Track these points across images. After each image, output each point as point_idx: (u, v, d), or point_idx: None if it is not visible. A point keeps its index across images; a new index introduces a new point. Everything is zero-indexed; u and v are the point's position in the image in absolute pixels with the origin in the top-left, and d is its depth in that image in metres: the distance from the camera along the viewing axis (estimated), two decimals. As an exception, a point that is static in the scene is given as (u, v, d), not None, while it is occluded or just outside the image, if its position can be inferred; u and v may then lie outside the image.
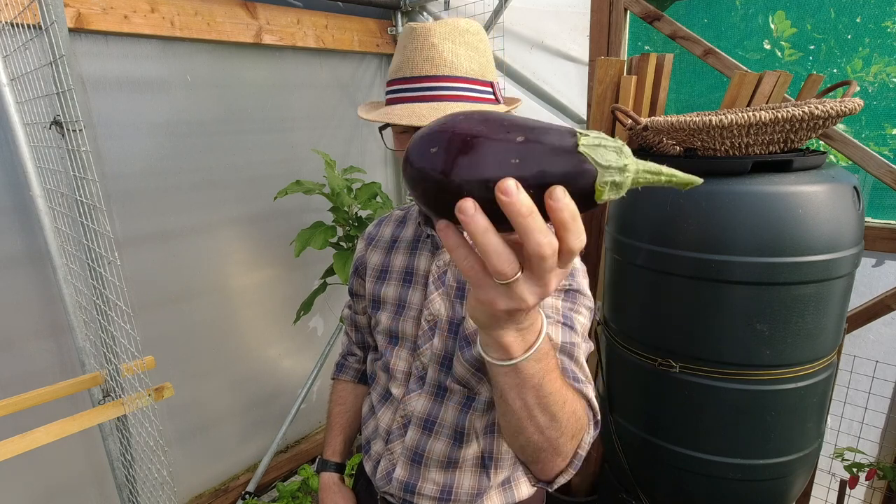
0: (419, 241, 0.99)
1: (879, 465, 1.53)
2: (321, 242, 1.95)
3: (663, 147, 1.28)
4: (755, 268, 1.05)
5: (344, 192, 1.99)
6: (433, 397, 0.93)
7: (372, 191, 2.09)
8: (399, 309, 0.97)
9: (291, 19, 2.18)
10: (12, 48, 1.34)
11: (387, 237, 1.06)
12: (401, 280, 0.98)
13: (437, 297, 0.92)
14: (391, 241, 1.04)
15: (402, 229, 1.04)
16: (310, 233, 1.99)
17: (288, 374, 2.55)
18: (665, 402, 1.26)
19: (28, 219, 1.64)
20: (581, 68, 2.04)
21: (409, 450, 0.95)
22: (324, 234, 1.98)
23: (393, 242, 1.04)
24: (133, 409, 1.27)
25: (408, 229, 1.03)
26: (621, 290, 1.34)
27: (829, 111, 1.01)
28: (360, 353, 1.25)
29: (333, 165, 2.05)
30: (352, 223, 2.07)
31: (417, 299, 0.95)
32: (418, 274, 0.96)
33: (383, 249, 1.04)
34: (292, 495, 2.14)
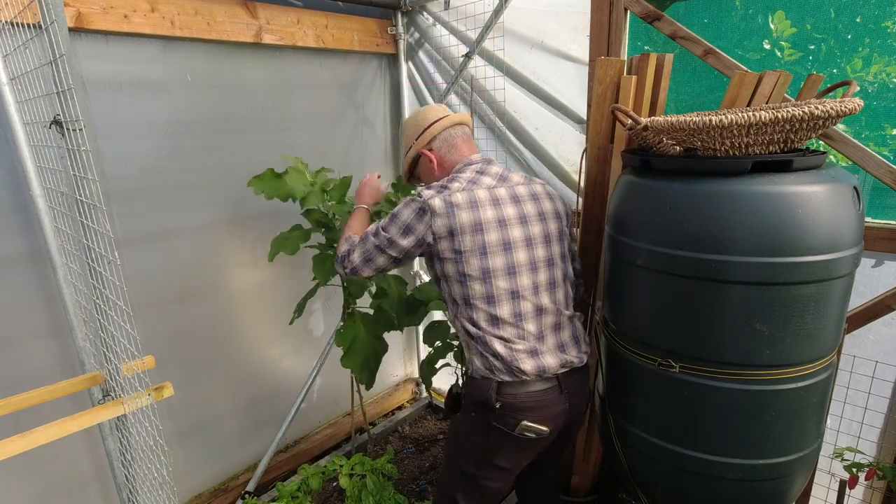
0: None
1: (879, 465, 1.53)
2: (292, 248, 1.94)
3: (663, 147, 1.28)
4: (755, 268, 1.05)
5: (314, 192, 1.94)
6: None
7: (345, 186, 2.04)
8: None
9: (291, 19, 2.18)
10: (12, 48, 1.34)
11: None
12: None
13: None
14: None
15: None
16: (283, 238, 1.97)
17: (288, 374, 2.56)
18: (665, 402, 1.26)
19: (28, 218, 1.64)
20: (581, 68, 2.04)
21: None
22: (296, 239, 1.96)
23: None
24: (133, 408, 1.27)
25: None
26: (621, 290, 1.34)
27: (829, 111, 1.01)
28: None
29: (303, 170, 2.01)
30: (328, 224, 2.03)
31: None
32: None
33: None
34: (292, 495, 2.14)
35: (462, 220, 1.29)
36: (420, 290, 2.17)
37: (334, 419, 2.85)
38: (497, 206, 1.34)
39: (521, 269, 1.33)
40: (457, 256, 1.31)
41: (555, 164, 2.20)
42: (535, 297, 1.34)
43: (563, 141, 2.18)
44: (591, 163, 1.67)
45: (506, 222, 1.33)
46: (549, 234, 1.39)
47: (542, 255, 1.37)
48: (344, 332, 2.06)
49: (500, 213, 1.33)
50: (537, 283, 1.35)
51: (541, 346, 1.34)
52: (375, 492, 2.01)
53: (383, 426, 2.82)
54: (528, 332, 1.33)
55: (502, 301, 1.31)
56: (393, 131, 2.81)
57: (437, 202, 1.29)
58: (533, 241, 1.36)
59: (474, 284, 1.31)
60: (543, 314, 1.35)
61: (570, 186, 2.17)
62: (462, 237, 1.29)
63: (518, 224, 1.35)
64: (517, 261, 1.33)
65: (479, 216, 1.30)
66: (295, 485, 2.17)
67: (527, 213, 1.37)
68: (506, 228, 1.33)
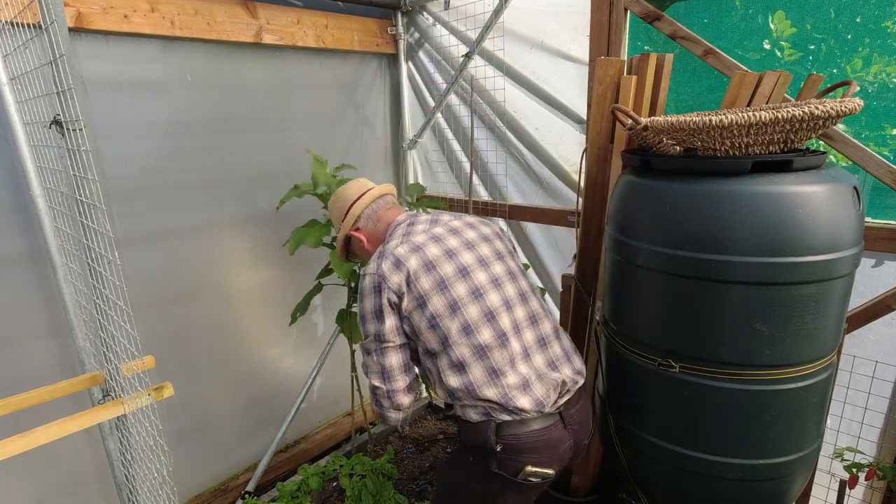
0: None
1: (879, 465, 1.53)
2: (315, 240, 1.95)
3: (663, 147, 1.28)
4: (755, 268, 1.05)
5: (333, 185, 1.98)
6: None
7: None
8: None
9: (291, 19, 2.18)
10: (12, 47, 1.34)
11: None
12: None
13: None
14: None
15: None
16: (304, 231, 1.99)
17: (288, 374, 2.56)
18: (665, 402, 1.26)
19: (28, 218, 1.64)
20: (581, 68, 2.04)
21: None
22: (318, 231, 1.98)
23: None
24: (133, 408, 1.27)
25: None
26: (621, 291, 1.34)
27: (829, 111, 1.01)
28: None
29: (324, 164, 2.04)
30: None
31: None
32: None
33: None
34: (292, 495, 2.14)
35: (412, 265, 1.26)
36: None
37: (334, 419, 2.85)
38: (438, 241, 1.32)
39: (484, 288, 1.30)
40: (419, 299, 1.25)
41: (555, 164, 2.20)
42: (510, 313, 1.30)
43: (563, 141, 2.18)
44: (591, 163, 1.67)
45: (452, 252, 1.31)
46: (499, 253, 1.38)
47: (500, 271, 1.35)
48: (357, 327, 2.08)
49: (443, 247, 1.31)
50: (506, 300, 1.31)
51: (532, 376, 1.26)
52: (375, 492, 2.01)
53: (383, 426, 2.82)
54: (513, 360, 1.25)
55: (480, 329, 1.25)
56: (393, 131, 2.81)
57: (384, 267, 1.26)
58: (486, 261, 1.34)
59: (445, 320, 1.25)
60: (520, 330, 1.30)
61: (570, 186, 2.17)
62: (418, 281, 1.25)
63: (466, 250, 1.33)
64: (479, 282, 1.30)
65: (426, 255, 1.28)
66: (295, 485, 2.17)
67: (469, 240, 1.36)
68: (454, 258, 1.30)
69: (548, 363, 1.31)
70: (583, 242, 1.77)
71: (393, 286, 1.25)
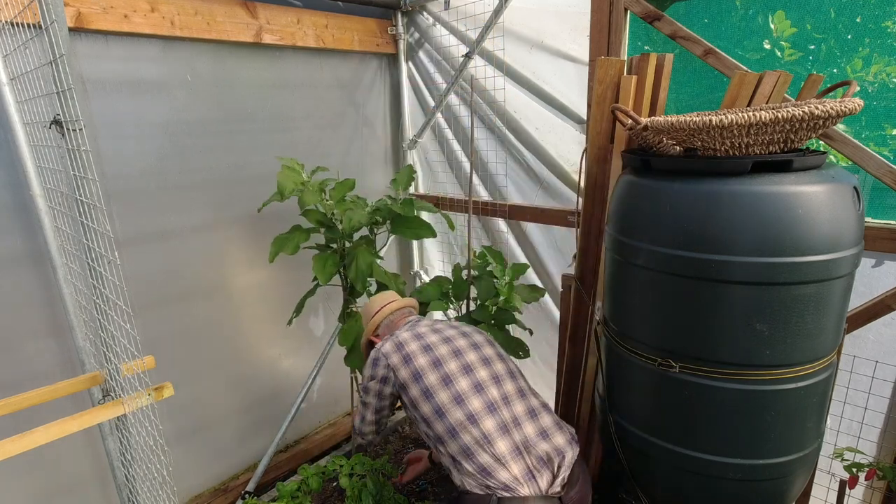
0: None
1: (879, 465, 1.53)
2: (292, 248, 1.95)
3: (663, 147, 1.28)
4: (755, 268, 1.05)
5: (308, 191, 1.93)
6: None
7: (347, 187, 2.05)
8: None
9: (291, 19, 2.18)
10: (12, 47, 1.34)
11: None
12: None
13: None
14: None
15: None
16: (285, 237, 1.98)
17: (288, 374, 2.56)
18: (665, 402, 1.26)
19: (28, 218, 1.64)
20: (581, 68, 2.04)
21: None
22: (296, 238, 1.97)
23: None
24: (133, 408, 1.27)
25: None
26: (621, 290, 1.34)
27: (829, 111, 1.01)
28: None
29: (298, 170, 1.99)
30: (328, 224, 2.04)
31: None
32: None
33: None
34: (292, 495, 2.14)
35: (412, 348, 1.48)
36: (421, 291, 2.17)
37: (334, 419, 2.85)
38: (438, 333, 1.53)
39: (483, 382, 1.44)
40: (415, 375, 1.43)
41: (555, 164, 2.20)
42: (508, 406, 1.42)
43: (563, 141, 2.18)
44: (591, 163, 1.67)
45: (450, 339, 1.51)
46: (486, 358, 1.51)
47: (501, 370, 1.49)
48: (346, 331, 2.06)
49: (442, 336, 1.52)
50: (506, 395, 1.44)
51: (526, 454, 1.35)
52: (375, 491, 2.01)
53: (383, 426, 2.82)
54: (513, 444, 1.35)
55: (481, 416, 1.37)
56: (393, 131, 2.81)
57: (386, 346, 1.51)
58: (472, 367, 1.47)
59: (439, 392, 1.41)
60: (518, 422, 1.39)
61: (570, 186, 2.17)
62: (416, 360, 1.45)
63: (464, 345, 1.51)
64: (474, 369, 1.46)
65: (426, 341, 1.49)
66: (295, 485, 2.17)
67: (460, 347, 1.51)
68: (451, 343, 1.50)
69: (539, 433, 1.40)
70: (583, 242, 1.77)
71: (392, 362, 1.47)
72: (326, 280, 1.95)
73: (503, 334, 2.07)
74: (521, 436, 1.37)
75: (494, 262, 2.12)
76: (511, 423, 1.39)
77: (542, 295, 2.13)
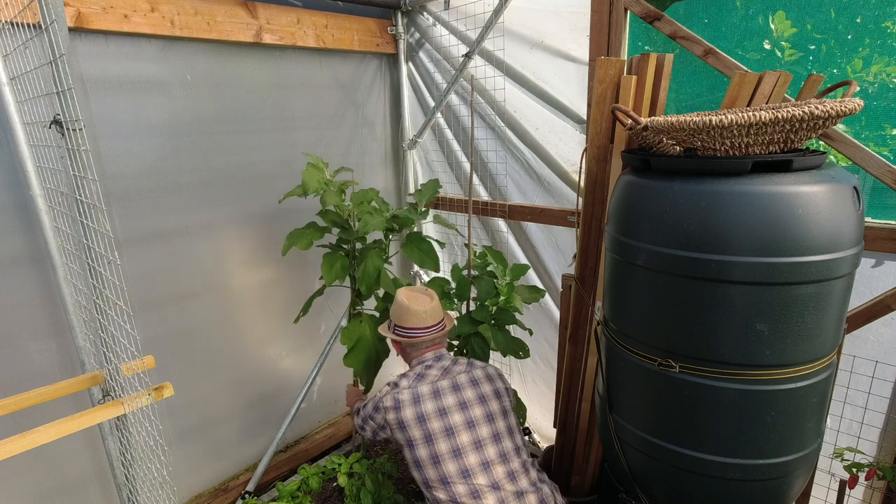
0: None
1: (879, 465, 1.53)
2: (305, 243, 1.95)
3: (663, 147, 1.28)
4: (755, 268, 1.05)
5: (330, 191, 1.94)
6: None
7: (367, 197, 2.07)
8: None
9: (291, 19, 2.18)
10: (12, 47, 1.34)
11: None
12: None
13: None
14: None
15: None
16: (299, 233, 1.98)
17: (288, 374, 2.56)
18: (665, 402, 1.26)
19: (28, 218, 1.64)
20: (581, 68, 2.04)
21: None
22: (310, 235, 1.98)
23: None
24: (133, 408, 1.27)
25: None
26: (621, 290, 1.34)
27: (829, 111, 1.01)
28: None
29: (322, 169, 2.01)
30: (343, 225, 2.04)
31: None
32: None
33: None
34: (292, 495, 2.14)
35: (406, 414, 1.54)
36: (420, 290, 2.16)
37: (334, 419, 2.85)
38: (437, 397, 1.58)
39: (465, 450, 1.52)
40: (410, 444, 1.54)
41: (555, 164, 2.20)
42: (486, 473, 1.50)
43: (563, 141, 2.18)
44: (591, 163, 1.67)
45: (446, 411, 1.56)
46: (490, 414, 1.59)
47: (487, 434, 1.56)
48: (349, 331, 2.06)
49: (440, 404, 1.57)
50: (486, 461, 1.52)
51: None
52: (374, 490, 2.01)
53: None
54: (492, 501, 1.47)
55: (455, 482, 1.48)
56: (393, 131, 2.81)
57: (387, 400, 1.57)
58: (475, 422, 1.57)
59: (428, 470, 1.51)
60: (500, 489, 1.49)
61: (570, 186, 2.17)
62: (409, 429, 1.53)
63: (458, 410, 1.57)
64: (461, 443, 1.52)
65: (420, 410, 1.55)
66: (295, 484, 2.17)
67: (466, 399, 1.59)
68: (446, 416, 1.55)
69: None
70: (583, 242, 1.77)
71: (389, 419, 1.56)
72: (332, 280, 1.95)
73: (503, 334, 2.07)
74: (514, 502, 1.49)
75: (495, 263, 2.12)
76: (503, 479, 1.51)
77: (542, 296, 2.13)
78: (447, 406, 1.57)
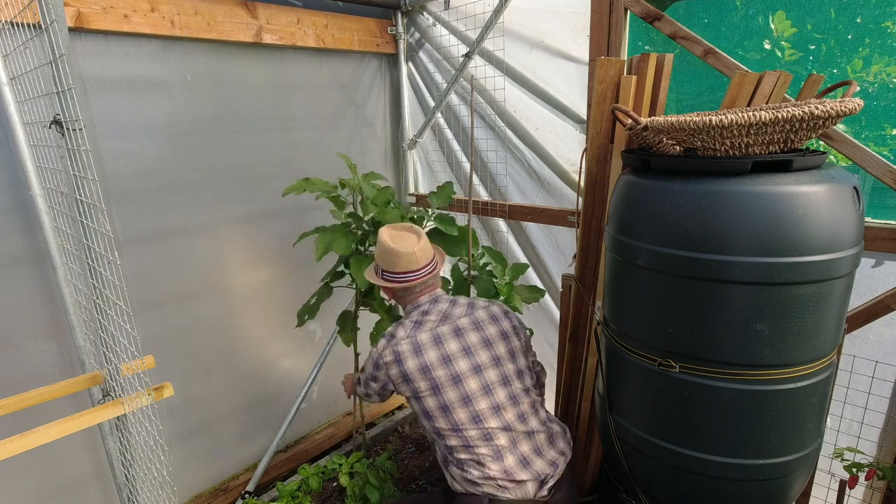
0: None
1: (879, 465, 1.53)
2: (345, 247, 1.90)
3: (663, 147, 1.28)
4: (755, 268, 1.05)
5: (370, 198, 1.99)
6: None
7: (386, 197, 2.08)
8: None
9: (291, 19, 2.18)
10: (12, 47, 1.34)
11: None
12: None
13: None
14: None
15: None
16: (329, 236, 1.91)
17: (288, 374, 2.56)
18: (665, 402, 1.26)
19: (28, 218, 1.64)
20: (581, 68, 2.04)
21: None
22: (346, 238, 1.93)
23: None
24: (133, 408, 1.27)
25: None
26: (621, 290, 1.34)
27: (829, 111, 1.01)
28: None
29: (355, 169, 2.03)
30: (367, 228, 2.06)
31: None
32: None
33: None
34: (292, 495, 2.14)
35: (409, 366, 1.48)
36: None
37: (334, 419, 2.85)
38: (439, 344, 1.51)
39: (475, 396, 1.48)
40: (417, 397, 1.49)
41: (555, 164, 2.20)
42: (497, 416, 1.48)
43: (563, 141, 2.18)
44: (591, 163, 1.67)
45: (450, 358, 1.50)
46: (497, 357, 1.54)
47: (495, 377, 1.52)
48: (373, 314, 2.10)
49: (442, 351, 1.50)
50: (497, 405, 1.49)
51: (515, 463, 1.46)
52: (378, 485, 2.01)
53: (383, 426, 2.82)
54: (498, 452, 1.45)
55: (467, 428, 1.45)
56: (393, 131, 2.81)
57: (387, 355, 1.51)
58: (482, 367, 1.51)
59: (439, 420, 1.47)
60: (511, 430, 1.48)
61: (570, 186, 2.17)
62: (415, 381, 1.48)
63: (462, 356, 1.51)
64: (469, 390, 1.48)
65: (424, 360, 1.48)
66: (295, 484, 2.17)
67: (471, 344, 1.53)
68: (451, 364, 1.49)
69: (534, 449, 1.52)
70: (583, 242, 1.77)
71: (392, 375, 1.51)
72: (365, 283, 1.89)
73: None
74: (510, 463, 1.46)
75: (494, 262, 2.12)
76: (510, 455, 1.47)
77: (542, 295, 2.13)
78: (451, 353, 1.50)
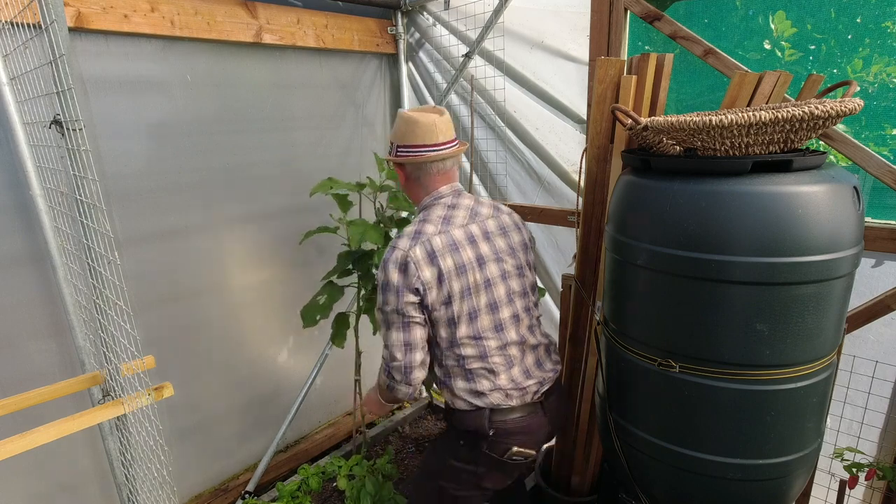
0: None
1: (879, 465, 1.53)
2: (377, 237, 1.95)
3: (663, 147, 1.28)
4: (755, 268, 1.05)
5: (401, 194, 2.03)
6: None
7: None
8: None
9: (291, 19, 2.18)
10: (12, 47, 1.34)
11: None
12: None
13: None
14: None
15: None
16: (362, 228, 1.95)
17: (288, 374, 2.56)
18: (665, 402, 1.26)
19: (28, 218, 1.64)
20: (581, 68, 2.04)
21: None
22: (377, 230, 1.98)
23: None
24: (133, 408, 1.27)
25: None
26: (621, 290, 1.34)
27: (829, 111, 1.01)
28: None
29: (382, 165, 2.07)
30: (391, 225, 2.11)
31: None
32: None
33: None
34: (292, 495, 2.14)
35: (448, 264, 1.33)
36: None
37: (334, 419, 2.85)
38: (474, 244, 1.41)
39: (501, 303, 1.43)
40: (447, 302, 1.34)
41: (555, 164, 2.20)
42: (515, 326, 1.46)
43: (563, 141, 2.18)
44: (591, 163, 1.67)
45: (483, 260, 1.41)
46: (520, 266, 1.50)
47: (517, 287, 1.49)
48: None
49: (476, 252, 1.40)
50: (516, 314, 1.47)
51: (521, 373, 1.45)
52: (374, 492, 2.01)
53: (383, 426, 2.82)
54: (510, 362, 1.44)
55: (487, 336, 1.41)
56: (393, 131, 2.81)
57: (418, 252, 1.31)
58: (507, 275, 1.46)
59: (462, 327, 1.37)
60: (524, 342, 1.47)
61: (570, 186, 2.17)
62: (450, 282, 1.33)
63: (494, 261, 1.44)
64: (497, 296, 1.43)
65: (461, 259, 1.36)
66: (295, 485, 2.17)
67: (499, 249, 1.46)
68: (484, 267, 1.40)
69: (536, 362, 1.52)
70: (583, 242, 1.77)
71: (425, 278, 1.31)
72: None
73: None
74: (517, 372, 1.46)
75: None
76: (517, 366, 1.46)
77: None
78: (484, 254, 1.41)
